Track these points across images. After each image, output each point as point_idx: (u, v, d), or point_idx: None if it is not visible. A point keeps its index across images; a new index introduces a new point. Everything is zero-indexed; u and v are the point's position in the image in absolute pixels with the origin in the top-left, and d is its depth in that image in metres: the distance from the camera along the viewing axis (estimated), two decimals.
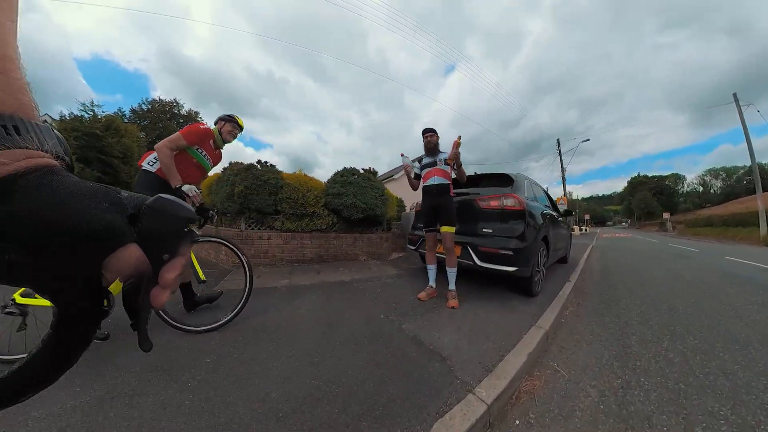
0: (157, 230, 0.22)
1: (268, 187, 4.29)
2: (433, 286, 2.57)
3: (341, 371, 1.37)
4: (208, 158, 1.91)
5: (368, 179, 4.89)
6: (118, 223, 0.20)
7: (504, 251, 2.32)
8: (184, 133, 1.72)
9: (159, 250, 0.22)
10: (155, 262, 0.22)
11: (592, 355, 1.70)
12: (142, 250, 0.21)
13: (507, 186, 2.76)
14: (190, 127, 1.76)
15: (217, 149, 1.98)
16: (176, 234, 0.23)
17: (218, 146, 1.98)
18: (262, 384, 1.24)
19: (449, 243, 2.35)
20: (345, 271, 3.88)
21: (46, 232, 0.18)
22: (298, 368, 1.38)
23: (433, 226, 2.48)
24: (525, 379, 1.43)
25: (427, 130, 2.51)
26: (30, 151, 0.19)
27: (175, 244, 0.23)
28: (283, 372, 1.35)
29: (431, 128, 2.53)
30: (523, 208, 2.44)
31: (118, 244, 0.20)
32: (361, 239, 4.94)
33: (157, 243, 0.22)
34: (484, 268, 2.44)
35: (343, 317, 2.11)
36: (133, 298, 0.22)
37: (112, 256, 0.20)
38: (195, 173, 1.87)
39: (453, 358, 1.51)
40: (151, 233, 0.22)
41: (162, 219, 0.22)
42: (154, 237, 0.22)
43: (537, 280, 2.64)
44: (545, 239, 2.84)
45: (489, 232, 2.52)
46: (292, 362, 1.44)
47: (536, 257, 2.51)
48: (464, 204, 2.80)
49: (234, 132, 1.98)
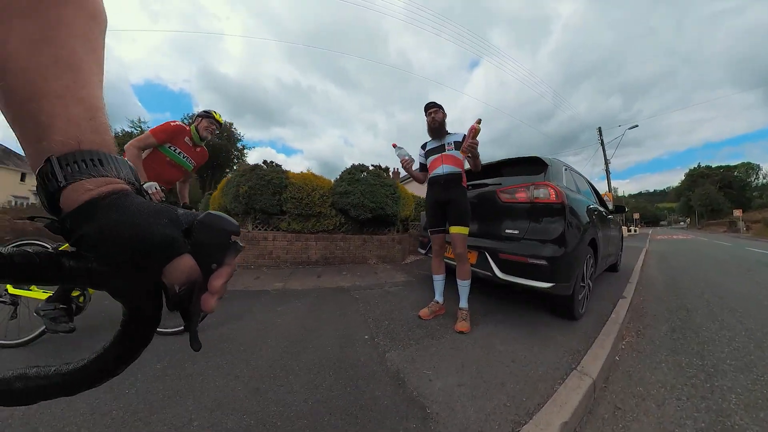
0: (206, 242, 0.26)
1: (271, 187, 4.17)
2: (440, 301, 2.07)
3: (282, 410, 1.08)
4: (185, 156, 1.86)
5: (378, 176, 4.48)
6: (175, 236, 0.24)
7: (535, 260, 1.75)
8: (153, 131, 1.69)
9: (208, 260, 0.26)
10: (205, 270, 0.26)
11: (668, 426, 1.11)
12: (194, 260, 0.25)
13: (538, 173, 2.15)
14: (160, 125, 1.74)
15: (196, 146, 1.93)
16: (222, 245, 0.27)
17: (196, 143, 1.91)
18: (192, 406, 1.08)
19: (460, 248, 1.83)
20: (348, 275, 3.51)
21: (119, 244, 0.22)
22: (238, 395, 1.17)
23: (441, 226, 1.98)
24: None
25: (430, 105, 1.99)
26: (109, 179, 0.24)
27: (221, 255, 0.26)
28: (219, 396, 1.16)
29: (435, 102, 2.00)
30: (562, 201, 1.83)
31: (175, 254, 0.24)
32: (371, 241, 4.54)
33: (207, 253, 0.26)
34: (507, 281, 1.88)
35: (319, 334, 1.75)
36: (186, 302, 0.26)
37: (170, 264, 0.24)
38: (171, 171, 1.84)
39: (440, 418, 1.05)
40: (202, 245, 0.26)
41: (210, 232, 0.26)
42: (204, 248, 0.26)
43: (581, 298, 2.01)
44: (593, 243, 2.18)
45: (514, 234, 1.94)
46: (236, 385, 1.23)
47: (581, 268, 1.89)
48: (481, 198, 2.25)
49: (210, 128, 1.92)
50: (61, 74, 0.22)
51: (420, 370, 1.36)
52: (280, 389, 1.19)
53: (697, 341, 1.91)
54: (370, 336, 1.75)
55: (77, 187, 0.22)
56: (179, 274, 0.24)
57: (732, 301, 2.83)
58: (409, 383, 1.26)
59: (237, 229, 0.28)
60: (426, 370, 1.37)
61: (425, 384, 1.25)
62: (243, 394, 1.15)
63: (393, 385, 1.25)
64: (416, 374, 1.33)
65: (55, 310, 1.36)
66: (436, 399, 1.15)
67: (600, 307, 2.37)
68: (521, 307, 2.28)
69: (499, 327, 1.89)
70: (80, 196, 0.22)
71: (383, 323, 1.95)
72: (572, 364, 1.42)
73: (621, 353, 1.74)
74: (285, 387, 1.21)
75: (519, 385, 1.25)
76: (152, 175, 1.72)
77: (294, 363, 1.40)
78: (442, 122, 1.98)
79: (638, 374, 1.50)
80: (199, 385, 1.20)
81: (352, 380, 1.27)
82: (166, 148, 1.76)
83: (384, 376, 1.31)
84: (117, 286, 0.24)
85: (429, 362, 1.44)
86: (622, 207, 3.85)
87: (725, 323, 2.23)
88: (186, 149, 1.85)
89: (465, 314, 1.84)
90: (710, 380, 1.45)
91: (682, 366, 1.59)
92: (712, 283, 3.75)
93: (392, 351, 1.55)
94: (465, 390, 1.21)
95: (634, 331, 2.07)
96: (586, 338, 1.74)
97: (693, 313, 2.50)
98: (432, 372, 1.35)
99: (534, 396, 1.17)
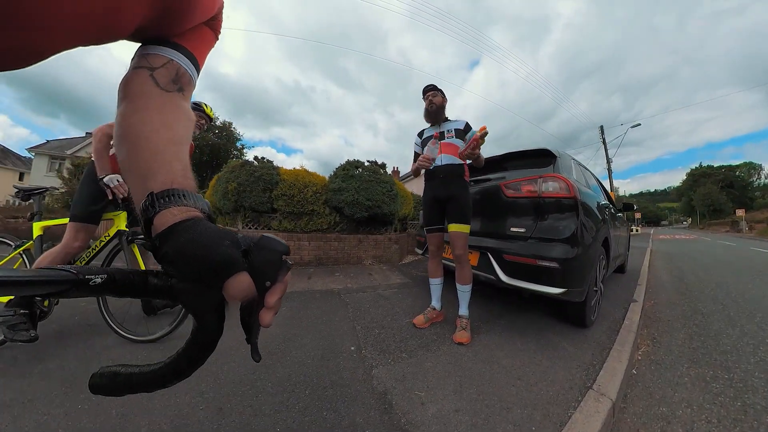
0: (261, 262, 0.29)
1: (261, 184, 4.00)
2: (437, 307, 1.89)
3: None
4: None
5: (375, 173, 4.30)
6: (235, 255, 0.28)
7: (545, 262, 1.56)
8: None
9: (263, 278, 0.29)
10: (260, 287, 0.29)
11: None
12: (251, 277, 0.29)
13: (547, 166, 1.94)
14: None
15: None
16: (275, 264, 0.30)
17: None
18: (144, 429, 0.95)
19: (460, 249, 1.65)
20: (340, 276, 3.34)
21: (189, 260, 0.28)
22: (198, 416, 1.02)
23: (439, 224, 1.80)
24: None
25: (429, 88, 1.79)
26: (188, 208, 0.30)
27: (275, 273, 0.30)
28: (178, 416, 1.01)
29: (434, 85, 1.79)
30: (574, 196, 1.64)
31: (234, 271, 0.28)
32: (367, 241, 4.36)
33: (262, 272, 0.29)
34: (512, 286, 1.71)
35: (299, 343, 1.59)
36: (246, 317, 0.31)
37: (229, 280, 0.28)
38: None
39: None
40: (258, 264, 0.29)
41: (264, 253, 0.30)
42: (259, 267, 0.29)
43: (593, 304, 1.84)
44: (605, 243, 2.00)
45: (520, 232, 1.76)
46: (199, 403, 1.08)
47: (594, 271, 1.71)
48: (484, 193, 2.07)
49: (200, 122, 1.75)
50: (171, 147, 0.34)
51: (411, 391, 1.18)
52: (246, 411, 1.05)
53: (718, 350, 1.74)
54: (357, 347, 1.57)
55: (166, 213, 0.29)
56: (237, 291, 0.28)
57: (748, 306, 2.66)
58: (398, 407, 1.08)
59: (287, 250, 0.31)
60: (418, 390, 1.19)
61: (416, 409, 1.08)
62: (204, 416, 1.02)
63: (378, 409, 1.07)
64: (406, 396, 1.15)
65: (14, 315, 1.22)
66: (428, 429, 0.98)
67: (611, 311, 2.20)
68: (527, 312, 2.10)
69: (503, 336, 1.71)
70: (167, 220, 0.29)
71: (373, 332, 1.77)
72: (587, 381, 1.25)
73: (638, 365, 1.57)
74: (252, 408, 1.06)
75: (527, 410, 1.07)
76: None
77: (267, 378, 1.25)
78: (441, 106, 1.78)
79: (660, 391, 1.33)
80: (160, 403, 1.06)
81: (330, 401, 1.11)
82: None
83: (369, 398, 1.14)
84: (189, 300, 0.29)
85: (422, 381, 1.26)
86: (631, 205, 3.64)
87: (746, 330, 2.06)
88: None
89: (465, 323, 1.66)
90: (740, 397, 1.28)
91: (707, 380, 1.42)
92: (724, 285, 3.57)
93: (380, 366, 1.38)
94: (463, 417, 1.03)
95: (650, 339, 1.90)
96: (600, 349, 1.57)
97: (709, 318, 2.33)
98: (425, 393, 1.17)
99: (546, 424, 1.00)
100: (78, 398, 1.07)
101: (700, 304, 2.72)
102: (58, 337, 1.56)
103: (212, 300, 0.29)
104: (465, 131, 1.74)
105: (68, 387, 1.14)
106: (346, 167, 4.29)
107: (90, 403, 1.04)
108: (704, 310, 2.55)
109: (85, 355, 1.40)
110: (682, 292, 3.25)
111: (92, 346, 1.49)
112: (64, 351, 1.42)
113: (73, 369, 1.27)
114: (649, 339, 1.91)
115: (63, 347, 1.46)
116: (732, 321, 2.25)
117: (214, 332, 0.30)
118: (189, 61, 0.38)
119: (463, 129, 1.75)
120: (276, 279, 0.30)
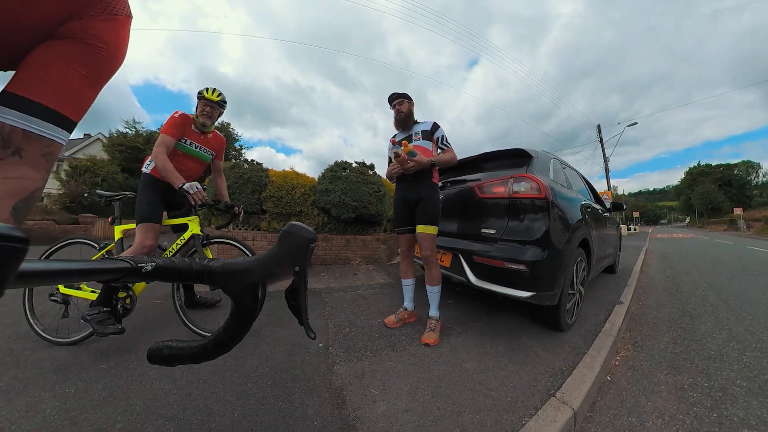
0: (290, 247, 0.33)
1: (250, 185, 4.03)
2: (409, 308, 1.83)
3: (205, 419, 1.00)
4: (197, 146, 1.73)
5: (362, 174, 4.25)
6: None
7: (514, 265, 1.51)
8: (164, 130, 1.59)
9: (292, 263, 0.33)
10: (289, 271, 0.33)
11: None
12: (282, 262, 0.34)
13: (522, 166, 1.88)
14: (167, 122, 1.62)
15: (204, 134, 1.75)
16: (303, 250, 0.33)
17: (202, 130, 1.73)
18: (121, 408, 1.04)
19: (428, 250, 1.60)
20: (326, 276, 3.30)
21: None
22: (169, 399, 1.10)
23: (408, 225, 1.75)
24: None
25: (393, 97, 1.75)
26: None
27: (303, 258, 0.33)
28: (150, 399, 1.09)
29: (398, 93, 1.75)
30: (545, 196, 1.58)
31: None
32: (354, 241, 4.31)
33: (292, 257, 0.33)
34: (482, 289, 1.65)
35: (271, 340, 1.60)
36: (293, 302, 0.35)
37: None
38: (188, 164, 1.73)
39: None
40: (287, 250, 0.33)
41: (293, 239, 0.33)
42: (289, 252, 0.33)
43: (569, 307, 1.77)
44: (585, 244, 1.94)
45: (491, 234, 1.70)
46: (171, 389, 1.16)
47: (568, 274, 1.65)
48: (459, 195, 2.01)
49: (205, 110, 1.67)
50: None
51: (366, 388, 1.17)
52: (211, 396, 1.12)
53: (702, 356, 1.68)
54: (325, 344, 1.57)
55: None
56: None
57: (739, 307, 2.59)
58: (350, 403, 1.08)
59: (315, 237, 0.34)
60: (373, 388, 1.17)
61: (368, 405, 1.07)
62: (173, 399, 1.09)
63: (331, 403, 1.08)
64: (361, 393, 1.14)
65: (99, 314, 1.37)
66: (374, 426, 0.96)
67: (594, 313, 2.14)
68: (505, 315, 2.04)
69: (474, 339, 1.65)
70: None
71: (344, 330, 1.75)
72: (551, 388, 1.19)
73: (614, 371, 1.51)
74: (217, 395, 1.13)
75: (479, 415, 1.02)
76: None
77: (235, 369, 1.30)
78: (409, 113, 1.74)
79: (632, 399, 1.26)
80: (136, 387, 1.16)
81: (288, 394, 1.14)
82: (180, 143, 1.66)
83: (324, 392, 1.15)
84: (225, 283, 0.33)
85: (380, 379, 1.24)
86: (620, 204, 3.57)
87: (733, 333, 1.99)
88: (196, 138, 1.71)
89: (434, 324, 1.61)
90: (717, 407, 1.21)
91: (685, 389, 1.35)
92: (717, 285, 3.51)
93: (343, 363, 1.37)
94: (411, 417, 1.00)
95: (631, 343, 1.83)
96: (574, 354, 1.50)
97: (697, 320, 2.27)
98: (379, 392, 1.15)
99: (495, 431, 0.94)
100: (67, 381, 1.17)
101: (690, 306, 2.65)
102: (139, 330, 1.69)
103: (244, 283, 0.33)
104: (432, 131, 1.71)
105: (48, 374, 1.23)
106: (333, 168, 4.25)
107: (76, 386, 1.15)
108: (693, 312, 2.48)
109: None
110: (673, 292, 3.18)
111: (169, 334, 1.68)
112: (149, 340, 1.58)
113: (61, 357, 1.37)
114: (630, 343, 1.84)
115: (144, 341, 1.57)
116: (720, 324, 2.18)
117: (250, 312, 0.34)
118: (23, 111, 0.30)
119: (430, 129, 1.71)
120: (304, 264, 0.33)
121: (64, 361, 1.33)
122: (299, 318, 0.34)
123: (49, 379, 1.18)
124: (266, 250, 0.34)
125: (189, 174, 1.73)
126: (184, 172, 1.69)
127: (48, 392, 1.10)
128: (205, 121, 1.68)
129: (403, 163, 1.54)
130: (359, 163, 4.46)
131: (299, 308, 0.34)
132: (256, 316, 0.34)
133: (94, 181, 11.26)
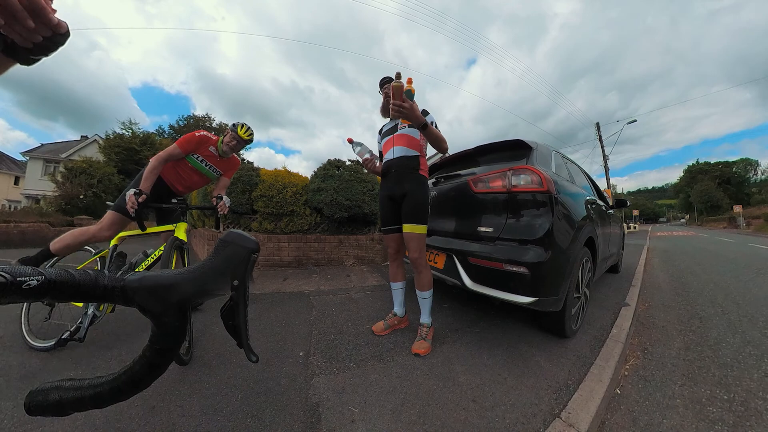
0: (228, 259, 0.29)
1: (241, 185, 3.91)
2: (399, 313, 1.69)
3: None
4: (208, 165, 1.83)
5: (355, 172, 4.11)
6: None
7: (513, 266, 1.36)
8: (179, 142, 1.70)
9: (231, 277, 0.29)
10: (228, 286, 0.29)
11: None
12: (219, 276, 0.29)
13: (521, 158, 1.72)
14: (186, 137, 1.73)
15: (222, 157, 1.86)
16: (243, 262, 0.29)
17: (221, 155, 1.84)
18: (80, 422, 0.94)
19: (416, 252, 1.45)
20: (317, 278, 3.16)
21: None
22: (131, 413, 1.01)
23: (395, 224, 1.60)
24: None
25: (384, 82, 1.58)
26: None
27: (243, 271, 0.29)
28: (112, 412, 0.98)
29: (389, 77, 1.56)
30: (548, 190, 1.43)
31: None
32: (348, 241, 4.16)
33: (230, 270, 0.29)
34: (478, 293, 1.50)
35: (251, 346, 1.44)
36: (230, 322, 0.30)
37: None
38: (192, 177, 1.85)
39: None
40: (224, 262, 0.29)
41: (232, 249, 0.29)
42: (227, 265, 0.29)
43: (575, 312, 1.63)
44: (590, 243, 1.78)
45: (488, 232, 1.56)
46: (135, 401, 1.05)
47: (574, 276, 1.51)
48: (454, 190, 1.86)
49: (231, 143, 1.79)
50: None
51: (345, 405, 1.04)
52: (176, 411, 1.02)
53: (717, 363, 1.54)
54: (306, 353, 1.44)
55: None
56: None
57: (750, 308, 2.45)
58: (325, 422, 0.96)
59: (257, 246, 0.31)
60: (353, 406, 1.04)
61: (344, 426, 0.94)
62: (136, 413, 1.01)
63: (304, 422, 0.96)
64: (339, 410, 1.02)
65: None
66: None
67: (600, 317, 2.00)
68: (504, 320, 1.90)
69: (470, 347, 1.51)
70: None
71: (328, 337, 1.62)
72: (556, 407, 1.05)
73: (624, 382, 1.36)
74: (183, 408, 1.04)
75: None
76: (175, 178, 1.79)
77: (207, 380, 1.21)
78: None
79: (646, 416, 1.13)
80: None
81: (259, 409, 1.03)
82: (190, 157, 1.76)
83: (298, 409, 1.03)
84: (144, 302, 0.28)
85: (362, 395, 1.11)
86: (624, 201, 3.41)
87: (748, 338, 1.85)
88: (210, 158, 1.82)
89: (426, 331, 1.47)
90: (741, 425, 1.08)
91: (703, 402, 1.22)
92: (724, 285, 3.37)
93: (323, 375, 1.24)
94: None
95: (640, 350, 1.69)
96: (580, 364, 1.37)
97: (707, 323, 2.13)
98: (359, 410, 1.02)
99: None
100: (18, 396, 1.07)
101: (698, 307, 2.51)
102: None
103: (169, 301, 0.28)
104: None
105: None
106: (326, 167, 4.11)
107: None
108: (702, 313, 2.35)
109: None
110: (679, 292, 3.05)
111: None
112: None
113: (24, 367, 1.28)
114: (639, 349, 1.70)
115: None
116: (733, 327, 2.04)
117: (175, 336, 0.28)
118: None
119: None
120: (244, 277, 0.29)
121: (33, 367, 1.26)
122: (238, 340, 0.30)
123: (14, 387, 1.11)
124: (199, 261, 0.29)
125: (191, 185, 1.87)
126: (187, 182, 1.83)
127: (9, 401, 1.03)
128: (228, 151, 1.81)
129: (397, 95, 1.22)
130: (354, 162, 4.33)
131: (237, 328, 0.30)
132: (182, 341, 0.29)
133: (90, 183, 11.10)
